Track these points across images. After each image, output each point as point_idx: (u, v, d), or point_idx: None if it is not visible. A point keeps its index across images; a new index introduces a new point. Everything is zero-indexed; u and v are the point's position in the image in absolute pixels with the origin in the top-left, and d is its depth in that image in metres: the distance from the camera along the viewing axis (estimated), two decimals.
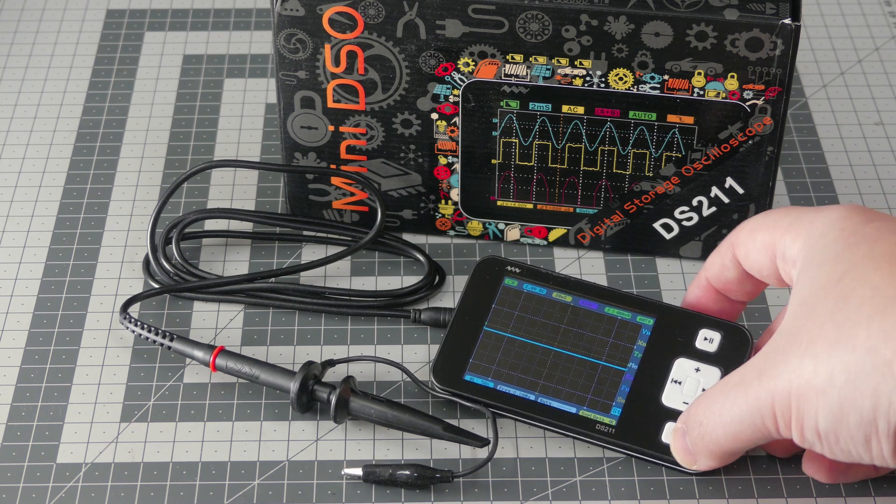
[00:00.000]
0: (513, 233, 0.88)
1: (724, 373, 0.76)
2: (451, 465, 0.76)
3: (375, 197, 0.86)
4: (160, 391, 0.80)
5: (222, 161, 0.88)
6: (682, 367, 0.77)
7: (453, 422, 0.77)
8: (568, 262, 0.87)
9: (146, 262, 0.86)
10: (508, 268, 0.81)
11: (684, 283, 0.86)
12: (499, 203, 0.86)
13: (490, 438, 0.75)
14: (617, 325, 0.79)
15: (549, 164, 0.84)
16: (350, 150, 0.86)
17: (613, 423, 0.75)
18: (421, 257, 0.86)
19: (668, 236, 0.86)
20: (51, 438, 0.77)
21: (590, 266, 0.87)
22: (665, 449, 0.74)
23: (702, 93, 0.80)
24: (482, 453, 0.76)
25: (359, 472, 0.74)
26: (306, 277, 0.86)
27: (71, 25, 1.07)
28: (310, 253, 0.88)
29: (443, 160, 0.85)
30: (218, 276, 0.85)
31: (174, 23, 1.07)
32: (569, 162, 0.84)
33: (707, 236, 0.86)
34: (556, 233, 0.87)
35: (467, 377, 0.77)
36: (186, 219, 0.87)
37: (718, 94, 0.80)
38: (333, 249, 0.89)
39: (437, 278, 0.86)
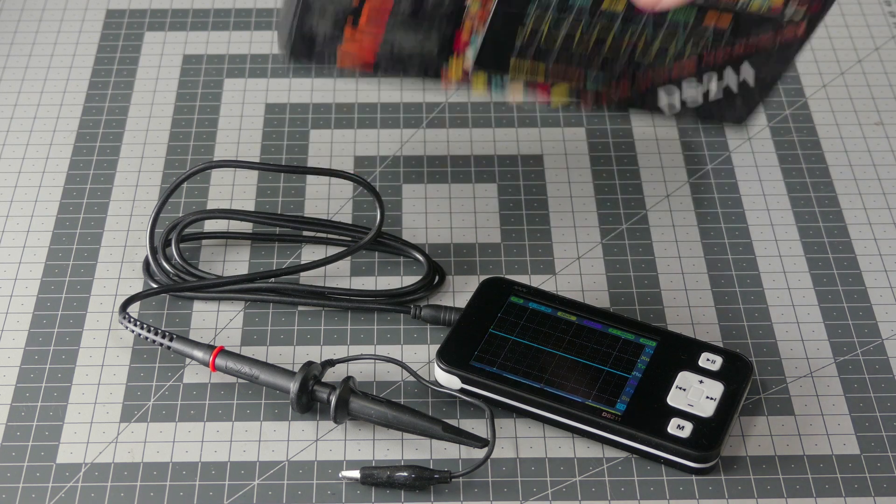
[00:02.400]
0: (516, 90, 0.85)
1: (727, 388, 0.77)
2: (451, 466, 0.76)
3: (375, 197, 0.86)
4: (160, 391, 0.80)
5: (222, 161, 0.88)
6: (686, 378, 0.77)
7: (453, 422, 0.77)
8: (568, 262, 0.87)
9: (146, 263, 0.86)
10: (515, 287, 0.82)
11: (684, 282, 0.86)
12: (513, 60, 0.83)
13: (489, 439, 0.75)
14: (621, 342, 0.79)
15: (576, 44, 0.82)
16: None
17: (619, 413, 0.76)
18: (420, 257, 0.86)
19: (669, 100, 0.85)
20: (51, 438, 0.77)
21: (590, 266, 0.87)
22: (672, 440, 0.74)
23: (746, 4, 0.79)
24: (482, 453, 0.76)
25: (356, 474, 0.74)
26: (306, 277, 0.86)
27: (71, 25, 1.07)
28: (310, 253, 0.88)
29: (465, 33, 0.82)
30: (218, 276, 0.85)
31: (174, 23, 1.07)
32: (595, 44, 0.82)
33: (705, 104, 0.86)
34: (560, 90, 0.85)
35: (473, 363, 0.78)
36: (186, 219, 0.87)
37: (762, 6, 0.79)
38: (333, 250, 0.89)
39: (437, 278, 0.86)
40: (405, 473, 0.74)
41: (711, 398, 0.76)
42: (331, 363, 0.79)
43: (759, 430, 0.78)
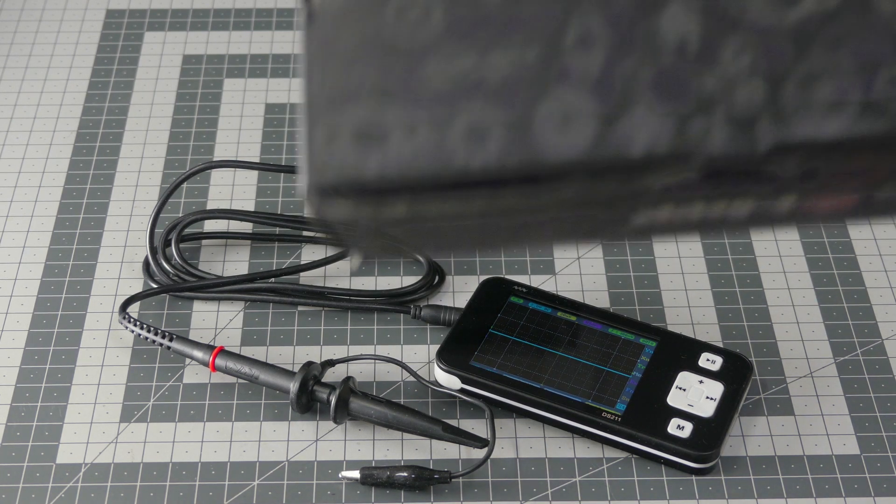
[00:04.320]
0: None
1: (727, 388, 0.77)
2: (451, 466, 0.76)
3: None
4: (160, 391, 0.80)
5: (222, 161, 0.88)
6: (686, 378, 0.77)
7: (453, 422, 0.77)
8: (568, 262, 0.87)
9: (146, 263, 0.86)
10: (515, 287, 0.82)
11: (684, 283, 0.86)
12: None
13: (489, 439, 0.75)
14: (621, 342, 0.79)
15: None
16: None
17: (619, 413, 0.76)
18: (420, 257, 0.86)
19: None
20: (50, 439, 0.77)
21: (590, 266, 0.87)
22: (672, 440, 0.74)
23: None
24: (482, 453, 0.76)
25: (356, 474, 0.74)
26: (306, 277, 0.86)
27: (71, 25, 1.07)
28: (310, 253, 0.88)
29: None
30: (217, 276, 0.85)
31: (174, 23, 1.07)
32: None
33: None
34: None
35: (473, 363, 0.78)
36: (186, 219, 0.87)
37: None
38: (333, 250, 0.89)
39: (437, 278, 0.86)
40: (405, 473, 0.74)
41: (711, 398, 0.76)
42: (331, 363, 0.79)
43: (759, 430, 0.78)
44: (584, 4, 0.30)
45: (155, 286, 0.85)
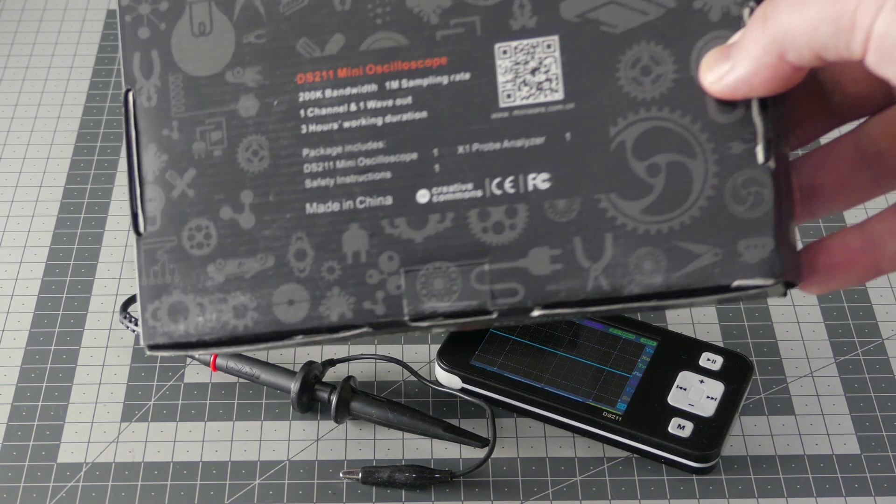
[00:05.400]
0: None
1: (728, 387, 0.77)
2: (451, 465, 0.76)
3: None
4: (160, 391, 0.80)
5: None
6: (687, 378, 0.77)
7: (453, 422, 0.77)
8: None
9: None
10: None
11: None
12: None
13: (490, 438, 0.75)
14: (621, 342, 0.79)
15: None
16: None
17: (620, 412, 0.76)
18: None
19: None
20: (51, 438, 0.77)
21: None
22: (672, 440, 0.74)
23: None
24: (483, 453, 0.76)
25: (357, 474, 0.74)
26: None
27: (71, 25, 1.07)
28: None
29: None
30: None
31: None
32: None
33: None
34: None
35: (474, 363, 0.78)
36: None
37: None
38: None
39: None
40: (406, 473, 0.74)
41: (712, 398, 0.77)
42: (331, 363, 0.79)
43: (760, 430, 0.78)
44: (297, 232, 0.51)
45: None
